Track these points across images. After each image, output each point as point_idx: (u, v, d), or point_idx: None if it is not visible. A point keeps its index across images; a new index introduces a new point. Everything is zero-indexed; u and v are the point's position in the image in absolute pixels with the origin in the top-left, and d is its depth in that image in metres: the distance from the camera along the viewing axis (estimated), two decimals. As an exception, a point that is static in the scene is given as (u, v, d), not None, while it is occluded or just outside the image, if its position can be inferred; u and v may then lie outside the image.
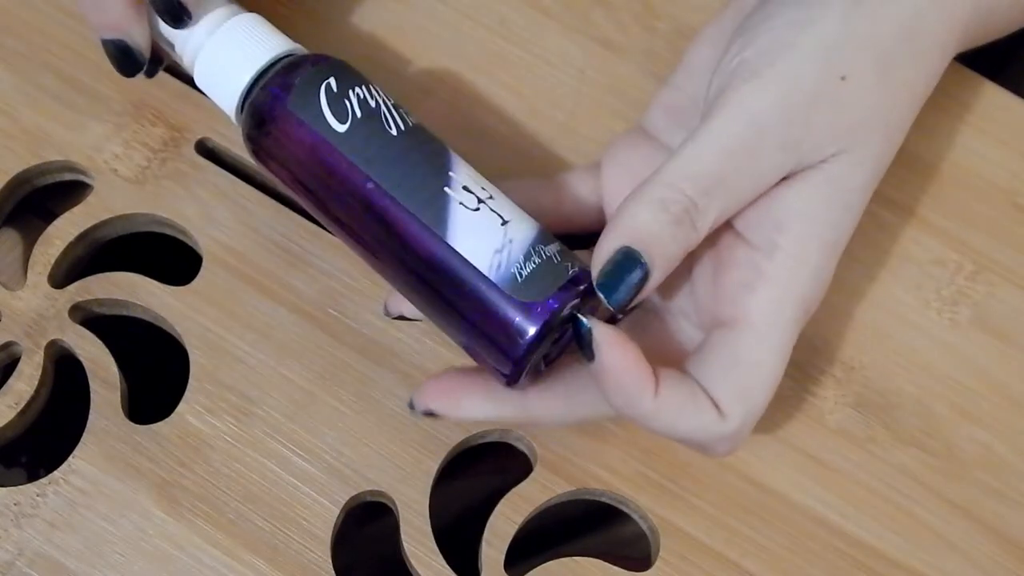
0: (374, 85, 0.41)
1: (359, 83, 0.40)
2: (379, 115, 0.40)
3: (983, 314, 0.48)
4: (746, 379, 0.40)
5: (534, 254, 0.39)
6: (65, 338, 0.45)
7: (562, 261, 0.39)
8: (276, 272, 0.46)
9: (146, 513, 0.43)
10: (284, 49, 0.42)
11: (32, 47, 0.48)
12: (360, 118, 0.40)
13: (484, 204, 0.39)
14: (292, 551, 0.43)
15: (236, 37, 0.42)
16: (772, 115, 0.39)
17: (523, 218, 0.40)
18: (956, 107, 0.50)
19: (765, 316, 0.40)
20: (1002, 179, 0.49)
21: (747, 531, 0.44)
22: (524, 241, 0.39)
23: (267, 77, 0.41)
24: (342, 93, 0.40)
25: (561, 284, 0.38)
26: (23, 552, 0.42)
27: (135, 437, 0.44)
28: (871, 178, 0.41)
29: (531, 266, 0.38)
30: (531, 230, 0.39)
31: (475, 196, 0.39)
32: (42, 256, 0.45)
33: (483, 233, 0.39)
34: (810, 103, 0.39)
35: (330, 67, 0.41)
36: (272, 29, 0.42)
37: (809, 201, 0.40)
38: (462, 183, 0.39)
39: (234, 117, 0.42)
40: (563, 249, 0.40)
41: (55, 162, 0.47)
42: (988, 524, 0.45)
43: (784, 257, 0.40)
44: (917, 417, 0.46)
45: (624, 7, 0.50)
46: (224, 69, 0.41)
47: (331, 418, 0.44)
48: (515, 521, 0.44)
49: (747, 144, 0.39)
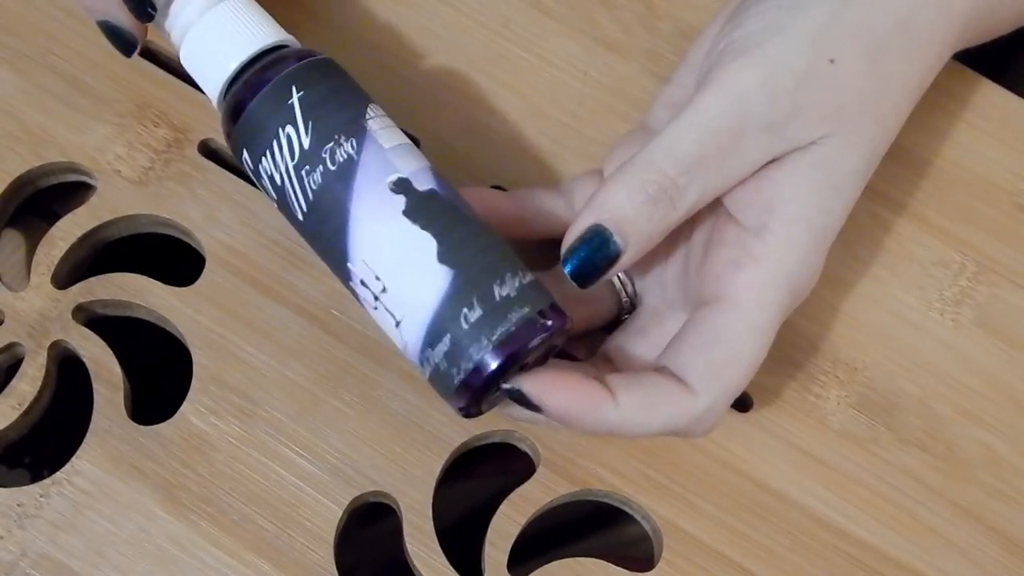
0: (343, 94, 0.39)
1: (302, 121, 0.39)
2: (285, 195, 0.39)
3: (986, 315, 0.48)
4: (722, 355, 0.39)
5: (426, 361, 0.38)
6: (68, 339, 0.45)
7: (466, 347, 0.37)
8: (279, 273, 0.46)
9: (149, 514, 0.43)
10: (273, 40, 0.41)
11: (35, 48, 0.48)
12: (276, 199, 0.40)
13: (378, 302, 0.38)
14: (295, 552, 0.43)
15: (226, 20, 0.40)
16: (757, 94, 0.39)
17: (418, 307, 0.38)
18: (957, 107, 0.50)
19: (749, 294, 0.39)
20: (1004, 180, 0.49)
21: (750, 532, 0.44)
22: (415, 347, 0.38)
23: (249, 71, 0.40)
24: (257, 157, 0.39)
25: (461, 381, 0.38)
26: (26, 553, 0.42)
27: (138, 438, 0.44)
28: (862, 164, 0.41)
29: (428, 369, 0.38)
30: (421, 327, 0.38)
31: (371, 292, 0.38)
32: (45, 257, 0.45)
33: (386, 331, 0.39)
34: (797, 84, 0.39)
35: (306, 77, 0.39)
36: (264, 16, 0.41)
37: (800, 184, 0.40)
38: (359, 278, 0.38)
39: (216, 104, 0.41)
40: (477, 318, 0.37)
41: (58, 163, 0.47)
42: (990, 524, 0.45)
43: (773, 239, 0.40)
44: (919, 418, 0.46)
45: (627, 8, 0.50)
46: (210, 54, 0.41)
47: (334, 419, 0.44)
48: (518, 522, 0.44)
49: (731, 124, 0.39)
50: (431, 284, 0.37)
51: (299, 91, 0.39)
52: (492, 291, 0.37)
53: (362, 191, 0.38)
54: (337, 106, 0.39)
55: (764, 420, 0.46)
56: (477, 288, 0.37)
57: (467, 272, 0.37)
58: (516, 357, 0.37)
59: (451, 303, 0.37)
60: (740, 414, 0.46)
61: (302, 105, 0.38)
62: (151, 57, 0.48)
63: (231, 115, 0.40)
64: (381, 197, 0.38)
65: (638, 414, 0.39)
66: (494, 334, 0.37)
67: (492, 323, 0.37)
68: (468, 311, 0.37)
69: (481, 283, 0.37)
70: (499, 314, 0.37)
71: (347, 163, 0.38)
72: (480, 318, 0.37)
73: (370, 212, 0.38)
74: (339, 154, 0.38)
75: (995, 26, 0.45)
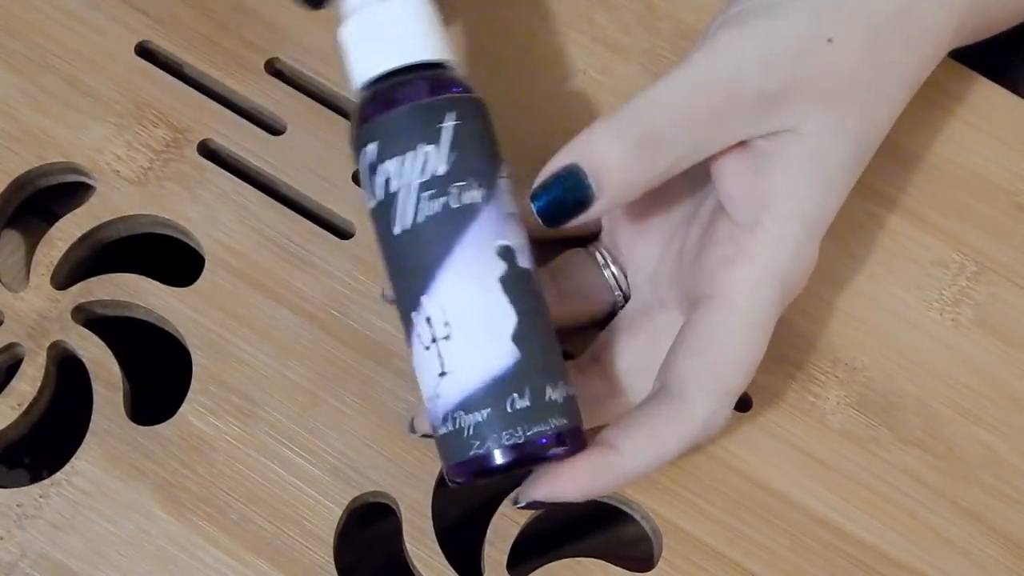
0: (487, 144, 0.39)
1: (425, 145, 0.38)
2: (394, 204, 0.39)
3: (985, 315, 0.48)
4: (717, 355, 0.39)
5: (451, 420, 0.38)
6: (68, 339, 0.45)
7: (499, 429, 0.37)
8: (278, 273, 0.46)
9: (149, 514, 0.43)
10: (445, 57, 0.40)
11: (34, 48, 0.48)
12: (379, 200, 0.39)
13: (435, 345, 0.38)
14: (295, 552, 0.43)
15: (413, 15, 0.40)
16: (752, 61, 0.38)
17: (472, 369, 0.37)
18: (957, 107, 0.50)
19: (742, 292, 0.39)
20: (1003, 179, 0.49)
21: (749, 532, 0.44)
22: (448, 403, 0.38)
23: (414, 74, 0.39)
24: (386, 156, 0.38)
25: (477, 455, 0.38)
26: (26, 553, 0.42)
27: (137, 438, 0.44)
28: (852, 156, 0.41)
29: (446, 428, 0.38)
30: (465, 389, 0.37)
31: (432, 334, 0.38)
32: (44, 257, 0.45)
33: (424, 373, 0.39)
34: (793, 58, 0.39)
35: (465, 109, 0.39)
36: (442, 28, 0.40)
37: (793, 178, 0.39)
38: (427, 314, 0.38)
39: (358, 82, 0.40)
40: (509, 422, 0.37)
41: (57, 164, 0.47)
42: (990, 524, 0.45)
43: (766, 235, 0.39)
44: (919, 417, 0.46)
45: (626, 8, 0.50)
46: (384, 38, 0.40)
47: (333, 419, 0.44)
48: (517, 522, 0.44)
49: (724, 85, 0.38)
50: (496, 355, 0.38)
51: (456, 120, 0.38)
52: (544, 389, 0.38)
53: (471, 240, 0.38)
54: (480, 151, 0.39)
55: (764, 420, 0.46)
56: (533, 381, 0.38)
57: (531, 362, 0.38)
58: (533, 461, 0.38)
59: (506, 382, 0.37)
60: (740, 414, 0.46)
61: (454, 134, 0.38)
62: (150, 57, 0.48)
63: (380, 104, 0.39)
64: (485, 255, 0.38)
65: (648, 453, 0.39)
66: (530, 430, 0.37)
67: (533, 420, 0.37)
68: (518, 398, 0.37)
69: (538, 377, 0.38)
70: (542, 414, 0.38)
71: (470, 208, 0.38)
72: (525, 410, 0.37)
73: (469, 262, 0.38)
74: (465, 197, 0.38)
75: (991, 22, 0.45)
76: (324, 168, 0.47)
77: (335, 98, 0.49)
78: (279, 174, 0.47)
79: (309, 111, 0.48)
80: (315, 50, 0.49)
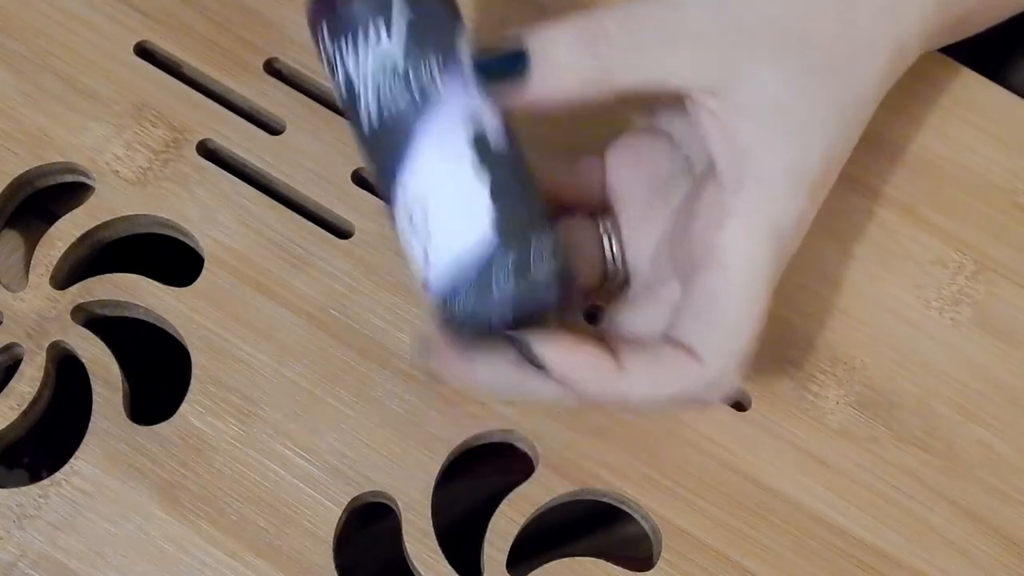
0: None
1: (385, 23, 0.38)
2: (355, 103, 0.39)
3: (984, 314, 0.48)
4: (719, 317, 0.39)
5: (448, 295, 0.38)
6: (67, 339, 0.45)
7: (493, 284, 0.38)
8: (277, 273, 0.46)
9: (148, 514, 0.43)
10: None
11: (33, 49, 0.48)
12: (344, 100, 0.39)
13: (413, 227, 0.39)
14: (294, 552, 0.43)
15: None
16: (698, 3, 0.39)
17: (448, 248, 0.38)
18: (956, 106, 0.50)
19: (735, 252, 0.39)
20: (1002, 178, 0.49)
21: (749, 531, 0.44)
22: (440, 283, 0.38)
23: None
24: (343, 51, 0.39)
25: (474, 311, 0.38)
26: (25, 553, 0.42)
27: (137, 438, 0.44)
28: (828, 113, 0.40)
29: (444, 302, 0.39)
30: (452, 257, 0.38)
31: (411, 220, 0.39)
32: (44, 258, 0.45)
33: (408, 252, 0.39)
34: (744, 7, 0.39)
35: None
36: None
37: (766, 131, 0.39)
38: (405, 202, 0.39)
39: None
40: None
41: (56, 164, 0.47)
42: (990, 523, 0.45)
43: (748, 191, 0.39)
44: (918, 417, 0.46)
45: (625, 7, 0.50)
46: None
47: (333, 419, 0.44)
48: (517, 521, 0.44)
49: (675, 4, 0.39)
50: (476, 227, 0.38)
51: (409, 12, 0.39)
52: (530, 243, 0.38)
53: (435, 127, 0.38)
54: (437, 35, 0.39)
55: (763, 419, 0.46)
56: (518, 241, 0.38)
57: (513, 222, 0.38)
58: (531, 308, 0.38)
59: (491, 248, 0.38)
60: (739, 413, 0.46)
61: (407, 27, 0.38)
62: (149, 57, 0.48)
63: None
64: (453, 136, 0.38)
65: (646, 382, 0.39)
66: (524, 281, 0.38)
67: (522, 273, 0.38)
68: (504, 260, 0.38)
69: (522, 237, 0.38)
70: (531, 268, 0.38)
71: (430, 95, 0.38)
72: (515, 267, 0.38)
73: (435, 146, 0.38)
74: (427, 84, 0.38)
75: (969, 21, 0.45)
76: (323, 168, 0.47)
77: (334, 98, 0.49)
78: (278, 174, 0.47)
79: (308, 111, 0.48)
80: (314, 50, 0.49)
